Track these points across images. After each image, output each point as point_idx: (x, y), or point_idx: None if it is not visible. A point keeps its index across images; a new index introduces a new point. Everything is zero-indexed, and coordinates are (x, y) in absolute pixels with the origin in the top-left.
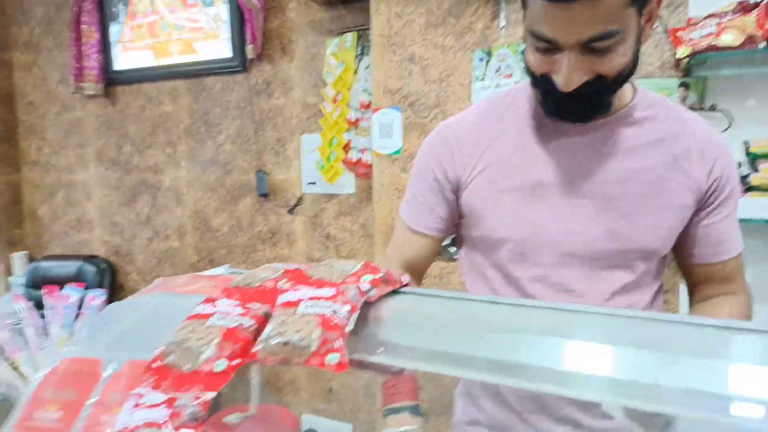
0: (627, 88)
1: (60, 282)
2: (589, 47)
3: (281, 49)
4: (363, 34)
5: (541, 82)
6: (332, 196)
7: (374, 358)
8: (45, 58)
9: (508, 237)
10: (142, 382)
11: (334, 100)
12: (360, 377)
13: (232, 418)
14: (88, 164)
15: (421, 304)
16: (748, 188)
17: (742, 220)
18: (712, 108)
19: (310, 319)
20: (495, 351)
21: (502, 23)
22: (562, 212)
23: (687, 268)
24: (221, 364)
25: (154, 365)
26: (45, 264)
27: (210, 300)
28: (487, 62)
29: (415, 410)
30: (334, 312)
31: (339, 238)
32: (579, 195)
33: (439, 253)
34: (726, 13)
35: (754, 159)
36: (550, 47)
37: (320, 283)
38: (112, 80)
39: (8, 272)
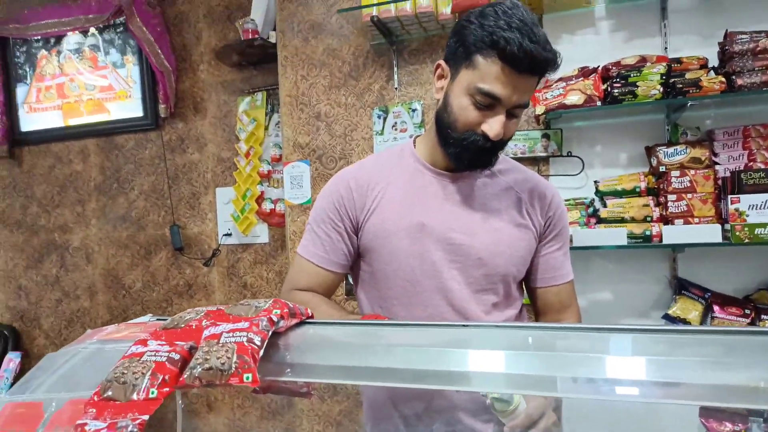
0: None
1: None
2: (511, 112)
3: (194, 107)
4: (272, 92)
5: (464, 136)
6: (247, 245)
7: (283, 379)
8: None
9: (399, 267)
10: (85, 415)
11: (247, 155)
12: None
13: None
14: None
15: (323, 331)
16: (599, 220)
17: (594, 247)
18: (569, 154)
19: (229, 347)
20: (391, 362)
21: (396, 85)
22: (441, 246)
23: (531, 292)
24: (153, 392)
25: (94, 399)
26: None
27: (141, 342)
28: (385, 119)
29: None
30: (249, 340)
31: (256, 286)
32: (453, 231)
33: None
34: (571, 78)
35: (602, 196)
36: (489, 104)
37: (237, 319)
38: (17, 142)
39: None
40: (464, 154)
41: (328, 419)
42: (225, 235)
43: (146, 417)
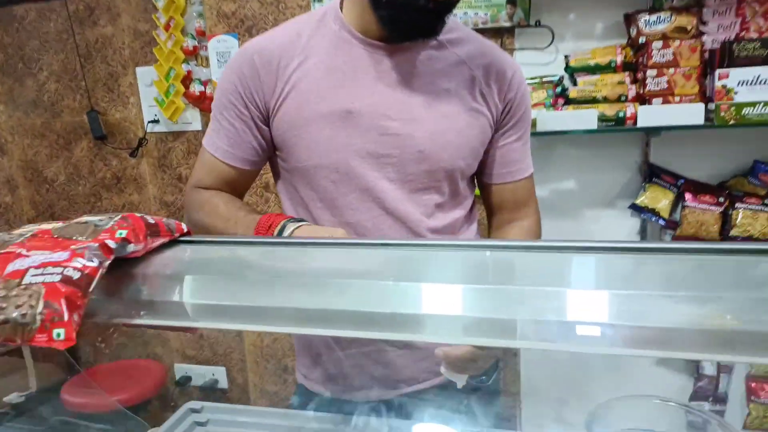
0: None
1: None
2: None
3: None
4: None
5: None
6: (179, 133)
7: (136, 321)
8: None
9: (320, 164)
10: None
11: (167, 27)
12: None
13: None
14: None
15: (204, 253)
16: (567, 101)
17: (560, 132)
18: (537, 24)
19: (34, 290)
20: (297, 300)
21: None
22: (372, 137)
23: (484, 188)
24: None
25: None
26: None
27: None
28: None
29: None
30: (65, 279)
31: None
32: (388, 118)
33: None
34: None
35: (572, 73)
36: None
37: (63, 244)
38: None
39: None
40: (401, 17)
41: None
42: (151, 122)
43: None
